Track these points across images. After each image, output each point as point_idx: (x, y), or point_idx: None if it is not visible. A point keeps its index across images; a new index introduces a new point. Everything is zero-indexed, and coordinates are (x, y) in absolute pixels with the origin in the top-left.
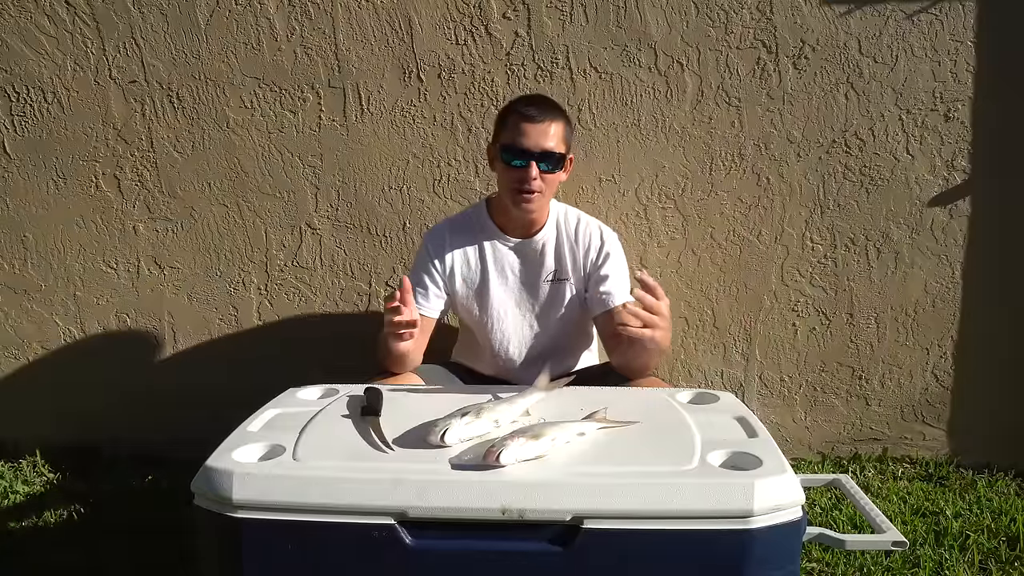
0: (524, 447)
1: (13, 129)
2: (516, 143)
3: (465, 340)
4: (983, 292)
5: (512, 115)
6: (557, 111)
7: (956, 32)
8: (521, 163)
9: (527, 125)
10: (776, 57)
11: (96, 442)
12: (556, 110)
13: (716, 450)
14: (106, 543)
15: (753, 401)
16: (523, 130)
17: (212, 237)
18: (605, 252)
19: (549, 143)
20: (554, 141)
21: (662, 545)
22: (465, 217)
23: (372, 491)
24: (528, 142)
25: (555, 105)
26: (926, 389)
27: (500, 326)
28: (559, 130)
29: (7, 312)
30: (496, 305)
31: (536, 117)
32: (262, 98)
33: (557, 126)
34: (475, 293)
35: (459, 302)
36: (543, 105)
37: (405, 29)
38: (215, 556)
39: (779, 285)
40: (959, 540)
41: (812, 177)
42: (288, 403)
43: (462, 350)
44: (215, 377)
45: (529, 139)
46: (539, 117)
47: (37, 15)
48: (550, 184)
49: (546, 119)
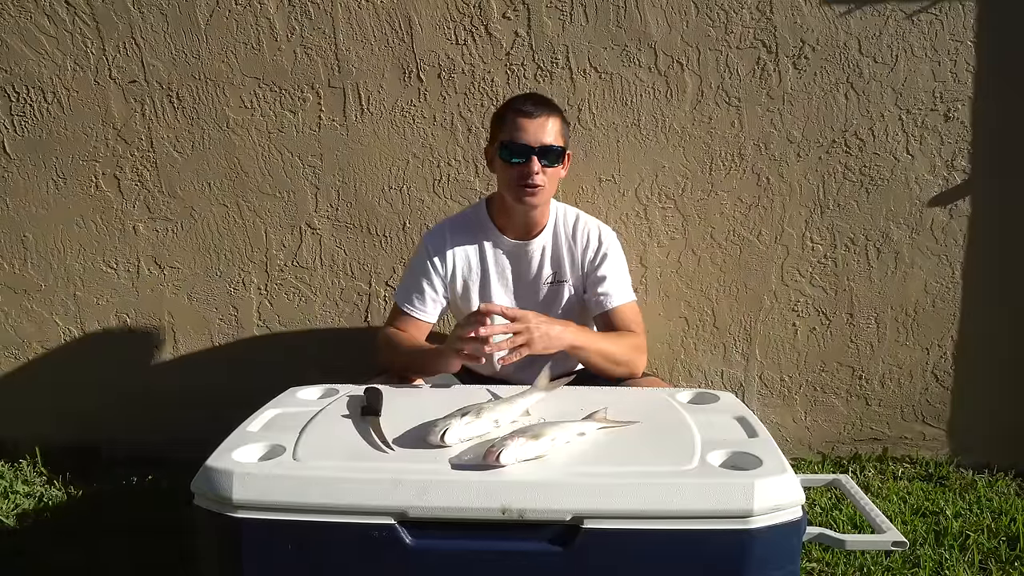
0: (524, 447)
1: (13, 129)
2: (516, 139)
3: None
4: (983, 292)
5: (509, 113)
6: (553, 107)
7: (956, 32)
8: (522, 159)
9: (525, 121)
10: (776, 57)
11: (96, 442)
12: (552, 106)
13: (716, 450)
14: (106, 543)
15: (753, 401)
16: (521, 126)
17: (212, 237)
18: (603, 253)
19: (548, 138)
20: (552, 136)
21: (662, 545)
22: (464, 217)
23: (372, 491)
24: (528, 137)
25: (550, 101)
26: (926, 389)
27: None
28: (556, 125)
29: (7, 312)
30: None
31: (533, 113)
32: (262, 98)
33: (554, 121)
34: (476, 294)
35: (458, 303)
36: (539, 101)
37: (405, 29)
38: (215, 556)
39: (779, 285)
40: (959, 540)
41: (812, 177)
42: (288, 403)
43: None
44: (215, 377)
45: (528, 134)
46: (536, 113)
47: (37, 15)
48: (551, 179)
49: (543, 114)
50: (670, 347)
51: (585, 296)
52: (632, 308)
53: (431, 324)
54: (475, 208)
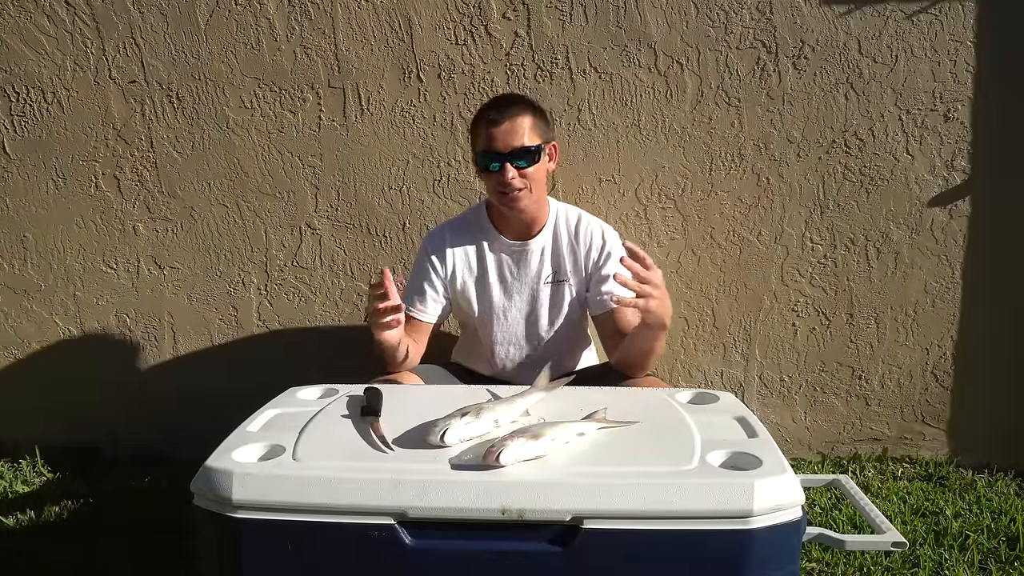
0: (524, 447)
1: (13, 129)
2: (487, 148)
3: (464, 341)
4: (983, 292)
5: (479, 123)
6: (521, 106)
7: (956, 32)
8: (495, 167)
9: (492, 129)
10: (776, 57)
11: (96, 442)
12: (519, 105)
13: (716, 450)
14: (106, 543)
15: (753, 401)
16: (490, 135)
17: (212, 237)
18: (607, 252)
19: (518, 140)
20: (523, 136)
21: (662, 545)
22: (464, 219)
23: (372, 491)
24: (497, 145)
25: (517, 99)
26: (926, 389)
27: (499, 327)
28: (525, 123)
29: (7, 312)
30: (496, 306)
31: (498, 120)
32: (262, 98)
33: (523, 120)
34: (475, 294)
35: (459, 303)
36: (502, 105)
37: (405, 29)
38: (215, 556)
39: (779, 285)
40: (959, 540)
41: (812, 177)
42: (288, 403)
43: (461, 351)
44: (215, 377)
45: (497, 141)
46: (500, 119)
47: (37, 15)
48: (535, 179)
49: (509, 117)
50: (670, 347)
51: (587, 295)
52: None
53: (432, 324)
54: (475, 210)
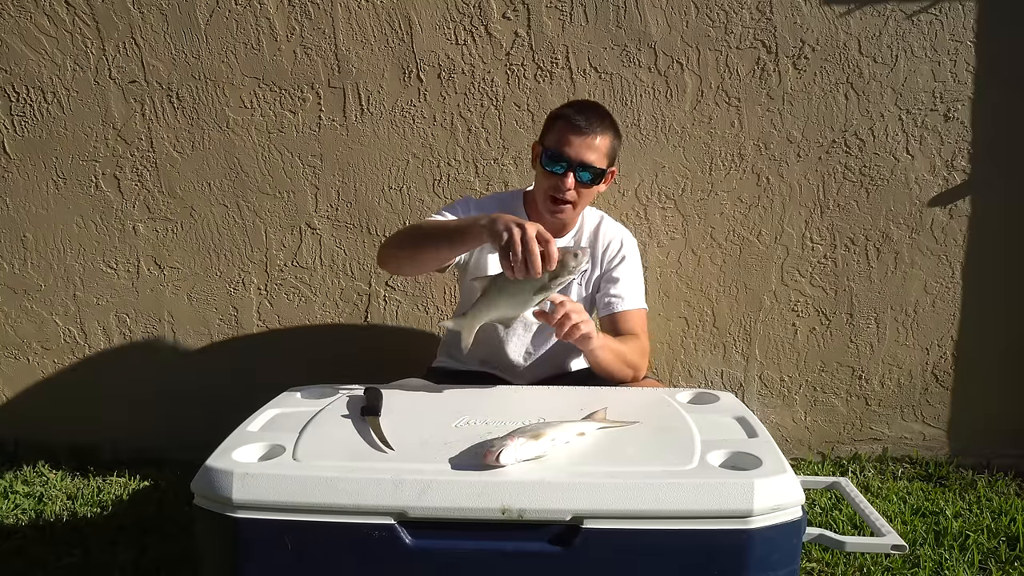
0: (524, 447)
1: (13, 129)
2: (558, 149)
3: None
4: (983, 292)
5: (560, 120)
6: (606, 124)
7: (956, 32)
8: (559, 169)
9: (572, 135)
10: (776, 57)
11: (96, 442)
12: (605, 122)
13: (716, 450)
14: (106, 543)
15: (753, 401)
16: (567, 139)
17: (212, 237)
18: (622, 255)
19: (591, 156)
20: (596, 155)
21: (662, 545)
22: (500, 198)
23: (372, 491)
24: (570, 151)
25: (605, 116)
26: (926, 389)
27: None
28: (604, 144)
29: (7, 312)
30: None
31: (583, 128)
32: (262, 98)
33: (603, 139)
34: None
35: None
36: (593, 116)
37: (405, 29)
38: (215, 556)
39: (779, 285)
40: (959, 540)
41: (812, 177)
42: (288, 403)
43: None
44: (215, 377)
45: (572, 148)
46: (586, 129)
47: (37, 15)
48: (585, 197)
49: (593, 132)
50: (670, 347)
51: (597, 295)
52: (640, 315)
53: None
54: (512, 195)
